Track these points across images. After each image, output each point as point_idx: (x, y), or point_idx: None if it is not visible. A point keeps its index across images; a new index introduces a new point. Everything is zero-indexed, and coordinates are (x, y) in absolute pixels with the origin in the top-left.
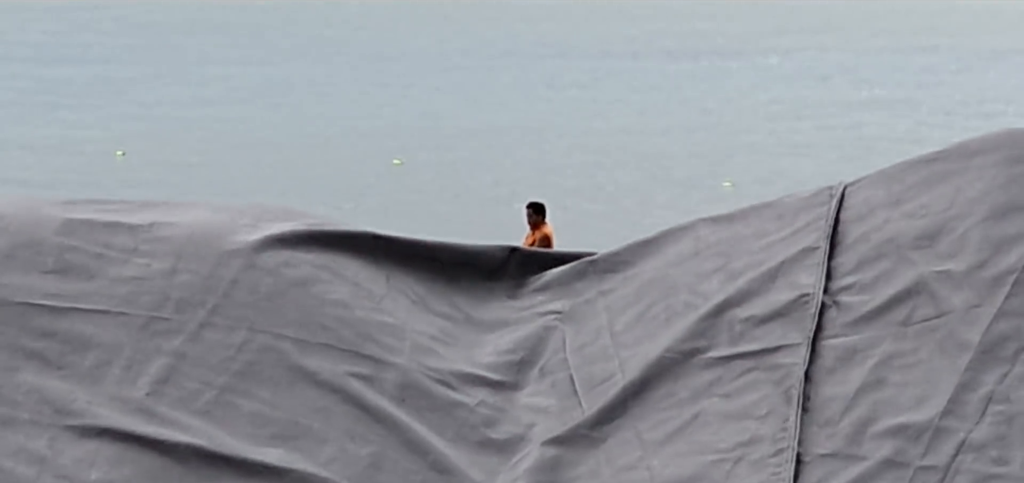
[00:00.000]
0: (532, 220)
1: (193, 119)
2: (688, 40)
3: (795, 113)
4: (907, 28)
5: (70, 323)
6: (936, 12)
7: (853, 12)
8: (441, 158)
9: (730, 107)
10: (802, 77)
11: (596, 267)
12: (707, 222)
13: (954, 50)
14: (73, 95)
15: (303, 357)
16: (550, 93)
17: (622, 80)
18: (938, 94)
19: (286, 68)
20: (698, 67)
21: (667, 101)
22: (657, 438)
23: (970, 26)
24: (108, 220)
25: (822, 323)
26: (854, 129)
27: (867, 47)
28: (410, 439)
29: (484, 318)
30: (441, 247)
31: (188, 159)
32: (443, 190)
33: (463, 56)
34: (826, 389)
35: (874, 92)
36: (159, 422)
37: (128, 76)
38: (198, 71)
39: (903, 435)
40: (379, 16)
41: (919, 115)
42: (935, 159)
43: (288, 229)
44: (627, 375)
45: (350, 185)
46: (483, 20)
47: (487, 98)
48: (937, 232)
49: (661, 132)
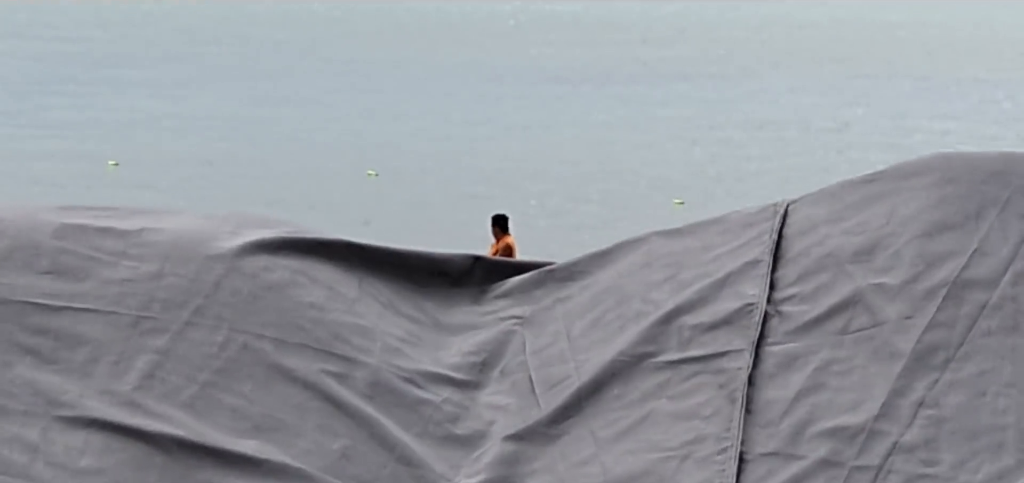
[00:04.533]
0: (496, 231)
1: (176, 131)
2: (651, 65)
3: (749, 136)
4: (862, 56)
5: (63, 321)
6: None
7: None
8: (412, 170)
9: (681, 129)
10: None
11: (554, 276)
12: (659, 235)
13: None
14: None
15: (280, 356)
16: (517, 112)
17: (585, 103)
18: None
19: (269, 83)
20: (643, 90)
21: (617, 123)
22: (609, 436)
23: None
24: (100, 225)
25: (765, 331)
26: (810, 153)
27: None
28: (379, 433)
29: (450, 322)
30: (410, 255)
31: (174, 169)
32: (414, 201)
33: (438, 73)
34: (768, 392)
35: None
36: (145, 414)
37: (119, 80)
38: (181, 85)
39: (839, 436)
40: (362, 32)
41: (849, 138)
42: (873, 180)
43: (267, 236)
44: (582, 377)
45: (326, 195)
46: (461, 40)
47: (458, 114)
48: (873, 248)
49: (613, 153)
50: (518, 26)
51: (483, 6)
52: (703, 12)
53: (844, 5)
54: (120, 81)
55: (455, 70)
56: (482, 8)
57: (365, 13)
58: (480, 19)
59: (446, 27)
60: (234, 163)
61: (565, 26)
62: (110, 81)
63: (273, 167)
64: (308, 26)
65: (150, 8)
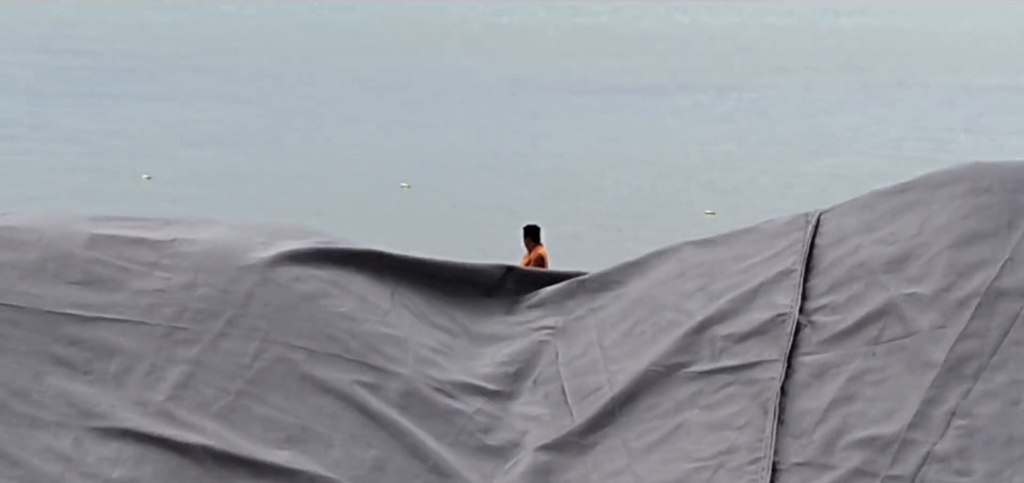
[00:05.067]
0: (527, 242)
1: (211, 139)
2: (680, 75)
3: (782, 148)
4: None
5: (96, 332)
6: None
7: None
8: (445, 182)
9: (713, 139)
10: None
11: (587, 286)
12: (691, 245)
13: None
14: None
15: (313, 366)
16: (549, 123)
17: (619, 114)
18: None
19: (299, 94)
20: (686, 101)
21: (655, 134)
22: (642, 446)
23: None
24: (132, 235)
25: (797, 341)
26: (832, 168)
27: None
28: (412, 443)
29: (482, 332)
30: (442, 265)
31: (207, 179)
32: (446, 212)
33: (469, 84)
34: (801, 402)
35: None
36: (178, 425)
37: (154, 93)
38: (211, 96)
39: (872, 446)
40: (390, 42)
41: (876, 150)
42: (904, 189)
43: (300, 246)
44: (615, 387)
45: (359, 206)
46: (494, 51)
47: (492, 126)
48: (906, 257)
49: (649, 163)
50: (553, 37)
51: (517, 17)
52: (734, 23)
53: (869, 13)
54: (143, 93)
55: (486, 80)
56: (515, 19)
57: (390, 22)
58: (513, 29)
59: (475, 36)
60: (266, 175)
61: (595, 37)
62: (133, 93)
63: (304, 179)
64: (333, 36)
65: (171, 18)
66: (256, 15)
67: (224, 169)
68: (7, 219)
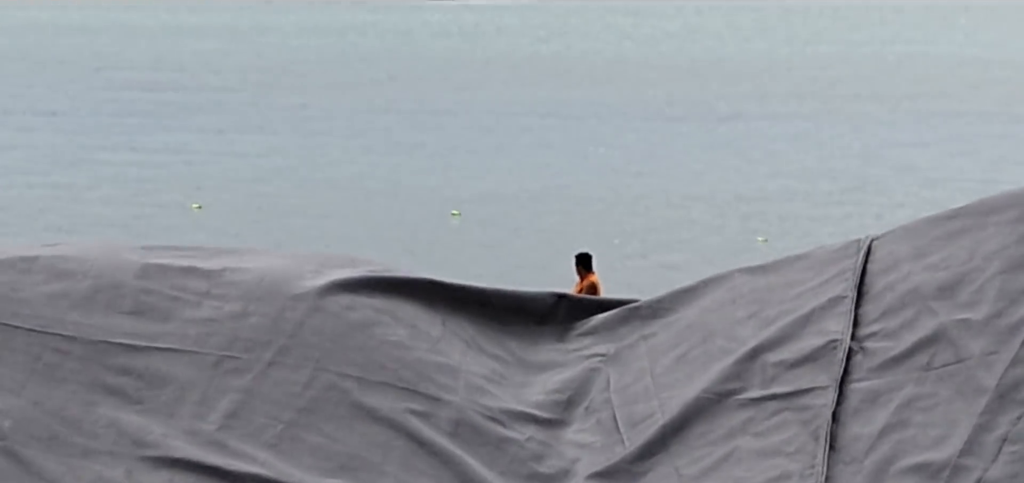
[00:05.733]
0: (579, 270)
1: (261, 169)
2: (724, 102)
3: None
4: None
5: (147, 361)
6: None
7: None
8: (496, 212)
9: (765, 167)
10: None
11: (639, 313)
12: (743, 272)
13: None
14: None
15: (364, 394)
16: (600, 150)
17: (667, 141)
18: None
19: (349, 125)
20: (736, 128)
21: (707, 161)
22: (694, 473)
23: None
24: (183, 265)
25: (849, 367)
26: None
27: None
28: (464, 472)
29: (534, 360)
30: (493, 293)
31: (255, 212)
32: (497, 241)
33: (518, 113)
34: (852, 429)
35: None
36: (229, 454)
37: (203, 125)
38: (261, 123)
39: (923, 473)
40: (436, 72)
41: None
42: (955, 216)
43: (350, 275)
44: (666, 414)
45: (410, 235)
46: (537, 79)
47: (539, 153)
48: (957, 283)
49: (701, 189)
50: (596, 66)
51: (555, 46)
52: (781, 52)
53: (912, 42)
54: (186, 124)
55: (535, 109)
56: (554, 48)
57: (442, 52)
58: (554, 58)
59: (520, 65)
60: (316, 206)
61: (640, 66)
62: (175, 122)
63: (355, 209)
64: (384, 64)
65: (204, 47)
66: (301, 45)
67: (274, 200)
68: (58, 249)
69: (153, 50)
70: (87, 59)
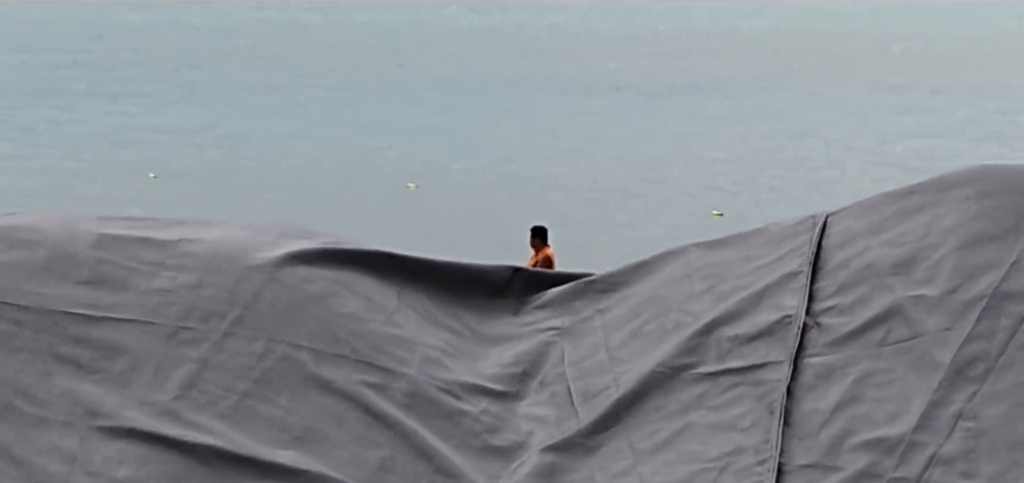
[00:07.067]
0: (535, 243)
1: (215, 141)
2: (689, 76)
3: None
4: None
5: (102, 331)
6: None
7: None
8: (452, 184)
9: (719, 140)
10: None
11: (594, 287)
12: (698, 247)
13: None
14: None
15: (319, 366)
16: (555, 124)
17: (622, 115)
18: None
19: (309, 93)
20: (692, 101)
21: (657, 135)
22: (648, 447)
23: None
24: (139, 236)
25: (804, 342)
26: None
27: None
28: (418, 444)
29: (488, 333)
30: (449, 266)
31: (211, 180)
32: (452, 213)
33: (475, 87)
34: (807, 404)
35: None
36: (183, 424)
37: (156, 96)
38: (218, 94)
39: (878, 448)
40: (397, 45)
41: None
42: (912, 192)
43: (307, 247)
44: (621, 388)
45: (366, 207)
46: (500, 52)
47: (495, 127)
48: (913, 260)
49: (656, 164)
50: (553, 39)
51: (519, 17)
52: (737, 24)
53: (867, 17)
54: (144, 94)
55: (492, 83)
56: (517, 19)
57: (400, 26)
58: (516, 32)
59: (479, 38)
60: (272, 176)
61: (599, 40)
62: (133, 93)
63: (311, 180)
64: (348, 37)
65: (167, 17)
66: (247, 19)
67: (230, 170)
68: (13, 219)
69: (101, 21)
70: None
